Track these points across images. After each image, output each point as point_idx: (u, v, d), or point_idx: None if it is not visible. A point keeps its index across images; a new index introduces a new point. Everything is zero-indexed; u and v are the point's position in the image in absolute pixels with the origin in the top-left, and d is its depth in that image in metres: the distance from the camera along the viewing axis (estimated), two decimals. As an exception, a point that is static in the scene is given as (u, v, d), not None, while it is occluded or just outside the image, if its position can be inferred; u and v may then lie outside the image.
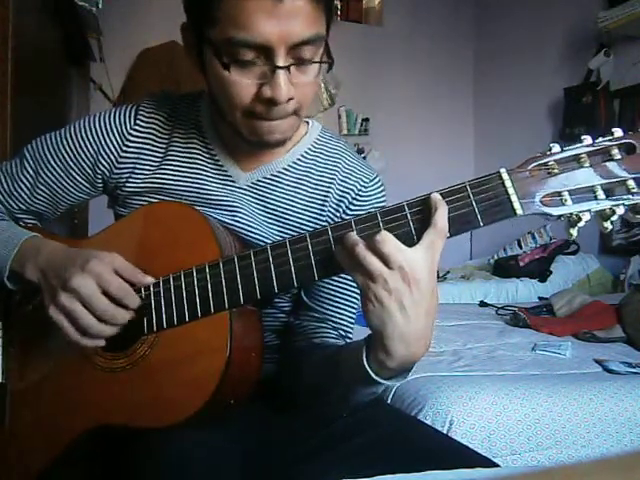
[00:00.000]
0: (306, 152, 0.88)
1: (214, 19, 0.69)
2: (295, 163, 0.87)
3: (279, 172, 0.86)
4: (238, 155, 0.85)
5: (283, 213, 0.86)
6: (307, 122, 0.90)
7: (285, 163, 0.86)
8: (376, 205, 0.89)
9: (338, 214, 0.88)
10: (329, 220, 0.87)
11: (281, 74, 0.69)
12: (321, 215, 0.87)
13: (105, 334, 0.72)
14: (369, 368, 0.66)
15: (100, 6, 2.23)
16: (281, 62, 0.69)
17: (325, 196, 0.87)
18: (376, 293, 0.62)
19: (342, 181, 0.87)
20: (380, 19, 4.38)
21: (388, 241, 0.61)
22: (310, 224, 0.86)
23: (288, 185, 0.86)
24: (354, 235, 0.63)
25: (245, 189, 0.85)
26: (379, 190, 0.90)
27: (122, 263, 0.73)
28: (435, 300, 0.64)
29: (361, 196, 0.88)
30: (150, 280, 0.74)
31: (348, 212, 0.87)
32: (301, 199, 0.86)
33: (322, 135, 0.90)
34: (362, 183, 0.88)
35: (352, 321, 0.90)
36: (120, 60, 3.41)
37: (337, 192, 0.87)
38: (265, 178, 0.86)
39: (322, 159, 0.88)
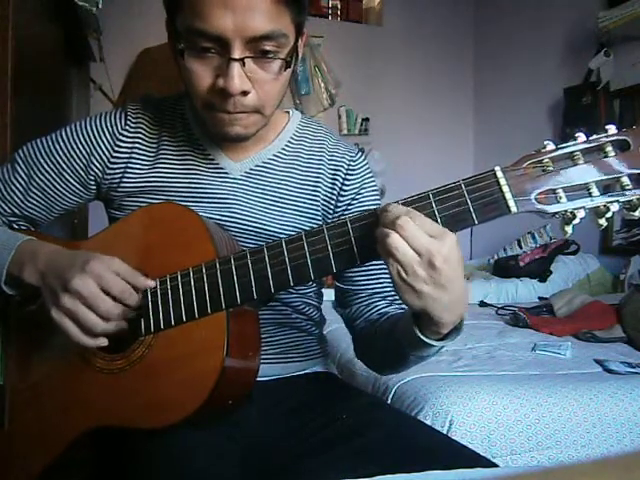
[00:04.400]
0: (292, 138, 0.91)
1: (179, 9, 0.72)
2: (283, 149, 0.90)
3: (270, 159, 0.89)
4: (227, 148, 0.87)
5: (279, 197, 0.88)
6: (287, 112, 0.94)
7: (274, 150, 0.89)
8: (368, 179, 0.92)
9: (335, 191, 0.90)
10: (325, 198, 0.90)
11: (235, 66, 0.71)
12: (316, 194, 0.90)
13: (109, 331, 0.72)
14: (426, 338, 0.69)
15: (100, 6, 2.22)
16: (235, 54, 0.71)
17: (317, 175, 0.90)
18: (411, 282, 0.62)
19: (330, 159, 0.91)
20: (380, 19, 4.37)
21: (418, 233, 0.60)
22: (307, 204, 0.89)
23: (280, 170, 0.89)
24: (385, 229, 0.62)
25: (239, 179, 0.87)
26: (366, 164, 0.94)
27: (122, 266, 0.73)
28: (462, 264, 0.64)
29: (353, 170, 0.91)
30: (151, 283, 0.74)
31: (345, 189, 0.90)
32: (295, 181, 0.89)
33: (303, 121, 0.94)
34: (349, 158, 0.91)
35: (390, 281, 0.93)
36: (120, 60, 3.41)
37: (328, 170, 0.90)
38: (257, 166, 0.88)
39: (308, 142, 0.91)
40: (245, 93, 0.73)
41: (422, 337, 0.68)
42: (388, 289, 0.92)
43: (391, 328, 0.79)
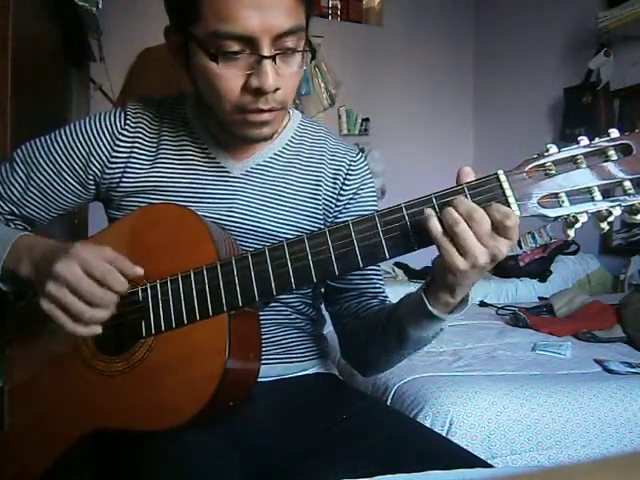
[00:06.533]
0: (292, 137, 0.91)
1: (198, 15, 0.72)
2: (284, 148, 0.90)
3: (270, 158, 0.89)
4: (228, 147, 0.87)
5: (280, 195, 0.88)
6: (288, 112, 0.94)
7: (275, 149, 0.90)
8: (367, 178, 0.94)
9: (336, 191, 0.91)
10: (326, 198, 0.91)
11: (267, 63, 0.72)
12: (317, 194, 0.90)
13: (98, 318, 0.70)
14: (435, 311, 0.70)
15: (100, 6, 2.22)
16: (266, 52, 0.72)
17: (318, 175, 0.90)
18: (466, 269, 0.63)
19: (331, 159, 0.92)
20: (380, 19, 4.38)
21: (486, 220, 0.61)
22: (308, 203, 0.89)
23: (281, 169, 0.89)
24: (455, 214, 0.62)
25: (240, 178, 0.87)
26: (366, 164, 0.95)
27: (111, 253, 0.71)
28: None
29: (353, 170, 0.92)
30: (139, 271, 0.72)
31: (345, 188, 0.91)
32: (295, 180, 0.89)
33: (304, 121, 0.95)
34: (350, 158, 0.93)
35: (383, 284, 0.95)
36: (120, 60, 3.41)
37: (330, 170, 0.91)
38: (258, 165, 0.88)
39: (308, 141, 0.92)
40: (277, 89, 0.74)
41: (434, 312, 0.70)
42: (379, 290, 0.93)
43: (392, 311, 0.80)
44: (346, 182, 0.91)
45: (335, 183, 0.91)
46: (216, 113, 0.79)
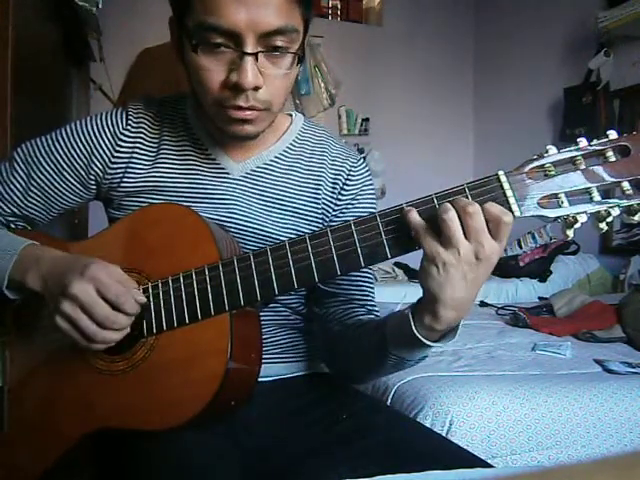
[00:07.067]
0: (294, 140, 0.91)
1: (189, 6, 0.72)
2: (285, 151, 0.90)
3: (271, 161, 0.89)
4: (228, 148, 0.87)
5: (279, 199, 0.88)
6: (290, 115, 0.94)
7: (276, 152, 0.89)
8: (367, 184, 0.93)
9: (334, 194, 0.91)
10: (326, 202, 0.90)
11: (248, 60, 0.71)
12: (317, 197, 0.90)
13: (110, 339, 0.71)
14: (418, 334, 0.68)
15: (100, 6, 2.23)
16: (249, 49, 0.71)
17: (318, 179, 0.90)
18: (446, 260, 0.62)
19: (332, 163, 0.91)
20: (380, 19, 4.38)
21: (479, 215, 0.61)
22: (307, 207, 0.89)
23: (281, 172, 0.89)
24: (448, 205, 0.62)
25: (239, 179, 0.87)
26: (367, 169, 0.95)
27: (123, 275, 0.72)
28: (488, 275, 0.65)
29: (353, 175, 0.92)
30: (142, 299, 0.73)
31: (344, 192, 0.91)
32: (295, 184, 0.89)
33: (306, 124, 0.94)
34: (351, 163, 0.92)
35: (374, 295, 0.93)
36: (120, 60, 3.41)
37: (330, 174, 0.91)
38: (258, 167, 0.88)
39: (310, 145, 0.92)
40: (257, 88, 0.73)
41: (417, 334, 0.68)
42: (368, 298, 0.91)
43: (376, 327, 0.79)
44: (345, 187, 0.91)
45: (334, 187, 0.90)
46: (203, 107, 0.79)
